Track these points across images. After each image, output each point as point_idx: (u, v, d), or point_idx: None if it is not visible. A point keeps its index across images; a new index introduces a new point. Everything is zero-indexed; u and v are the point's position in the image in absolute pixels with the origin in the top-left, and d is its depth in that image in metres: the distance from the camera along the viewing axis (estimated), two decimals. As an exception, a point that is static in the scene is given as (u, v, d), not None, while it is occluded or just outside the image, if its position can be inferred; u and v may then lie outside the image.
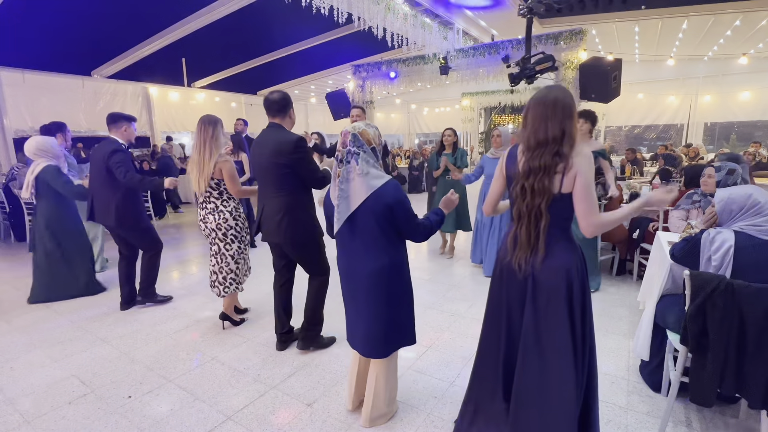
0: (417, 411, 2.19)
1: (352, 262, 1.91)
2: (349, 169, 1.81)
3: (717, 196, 2.00)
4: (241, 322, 3.26)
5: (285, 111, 2.60)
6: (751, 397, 1.67)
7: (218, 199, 2.96)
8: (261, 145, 2.56)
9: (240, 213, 3.05)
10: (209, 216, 2.96)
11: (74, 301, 3.79)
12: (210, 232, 3.00)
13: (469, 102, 14.25)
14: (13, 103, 7.59)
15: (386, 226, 1.83)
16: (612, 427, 2.05)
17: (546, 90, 1.59)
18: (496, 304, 1.78)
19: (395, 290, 1.90)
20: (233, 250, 3.05)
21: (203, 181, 2.86)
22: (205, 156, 2.83)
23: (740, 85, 10.40)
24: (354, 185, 1.80)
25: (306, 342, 2.79)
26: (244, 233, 3.09)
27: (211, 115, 2.90)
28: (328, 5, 4.85)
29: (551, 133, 1.50)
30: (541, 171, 1.51)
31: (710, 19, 7.38)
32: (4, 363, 2.74)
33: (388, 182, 1.82)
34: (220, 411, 2.21)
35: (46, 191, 3.72)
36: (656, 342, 2.27)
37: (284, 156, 2.44)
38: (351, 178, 1.80)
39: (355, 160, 1.80)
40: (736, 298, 1.66)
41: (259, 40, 8.79)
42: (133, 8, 6.65)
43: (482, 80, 7.33)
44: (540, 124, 1.53)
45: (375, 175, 1.81)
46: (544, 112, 1.53)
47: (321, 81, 12.16)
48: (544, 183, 1.51)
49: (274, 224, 2.54)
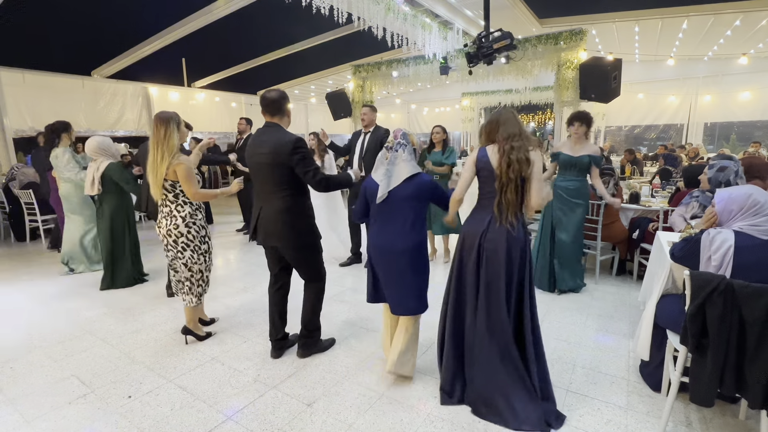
0: (417, 411, 2.19)
1: (389, 240, 2.33)
2: (396, 155, 2.34)
3: (717, 196, 2.00)
4: (207, 336, 3.04)
5: (282, 110, 2.55)
6: (751, 397, 1.67)
7: (173, 203, 2.76)
8: (259, 144, 2.50)
9: (196, 220, 2.82)
10: (162, 220, 2.79)
11: (74, 301, 3.80)
12: (162, 238, 2.81)
13: (469, 102, 14.25)
14: (13, 103, 7.58)
15: (423, 210, 2.37)
16: (612, 427, 2.05)
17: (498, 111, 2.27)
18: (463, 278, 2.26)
19: (423, 262, 2.38)
20: (186, 258, 2.82)
21: (156, 185, 2.68)
22: (158, 158, 2.64)
23: (740, 85, 10.41)
24: (398, 167, 2.32)
25: (306, 349, 2.74)
26: (198, 241, 2.83)
27: (164, 112, 2.71)
28: (328, 5, 4.85)
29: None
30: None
31: (710, 19, 7.39)
32: (4, 363, 2.74)
33: (422, 172, 2.38)
34: (220, 411, 2.21)
35: (110, 186, 4.03)
36: (656, 342, 2.27)
37: (284, 156, 2.41)
38: (397, 162, 2.33)
39: (402, 149, 2.35)
40: (736, 298, 1.66)
41: (259, 40, 8.78)
42: (133, 8, 6.64)
43: (482, 80, 7.33)
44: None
45: (413, 165, 2.35)
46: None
47: (321, 81, 12.15)
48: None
49: (273, 226, 2.50)
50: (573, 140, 3.65)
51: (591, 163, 3.57)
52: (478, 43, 5.20)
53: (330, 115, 8.18)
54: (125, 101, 9.40)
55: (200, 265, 2.89)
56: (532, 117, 16.18)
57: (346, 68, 9.75)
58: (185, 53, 9.37)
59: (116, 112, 9.22)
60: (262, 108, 2.56)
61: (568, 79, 5.82)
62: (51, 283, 4.35)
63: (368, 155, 4.56)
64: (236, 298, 3.84)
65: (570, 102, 5.82)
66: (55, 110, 8.02)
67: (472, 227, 2.21)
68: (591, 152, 3.57)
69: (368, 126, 4.60)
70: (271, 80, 12.10)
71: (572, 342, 2.90)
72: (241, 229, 6.70)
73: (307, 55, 9.56)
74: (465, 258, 2.23)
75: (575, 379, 2.46)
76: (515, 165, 2.06)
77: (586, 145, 3.59)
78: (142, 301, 3.78)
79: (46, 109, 7.95)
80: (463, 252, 2.24)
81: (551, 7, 7.57)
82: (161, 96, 10.21)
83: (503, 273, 2.10)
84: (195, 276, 2.89)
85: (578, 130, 3.57)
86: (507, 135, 2.13)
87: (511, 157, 2.08)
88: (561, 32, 5.87)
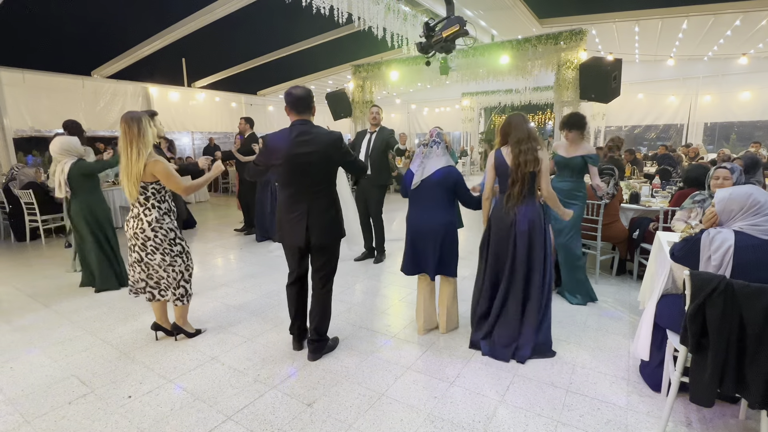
0: (417, 411, 2.19)
1: (426, 217, 2.86)
2: (431, 151, 2.86)
3: (717, 196, 2.00)
4: (197, 333, 3.05)
5: (311, 106, 2.57)
6: (751, 397, 1.67)
7: (142, 206, 2.68)
8: (303, 143, 2.44)
9: (163, 224, 2.72)
10: (131, 221, 2.72)
11: (74, 301, 3.80)
12: (130, 238, 2.74)
13: (469, 102, 14.26)
14: (13, 103, 7.58)
15: (450, 195, 2.87)
16: (612, 427, 2.05)
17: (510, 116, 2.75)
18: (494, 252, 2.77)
19: (454, 237, 2.92)
20: (157, 260, 2.75)
21: (133, 186, 2.61)
22: (133, 156, 2.56)
23: (740, 85, 10.40)
24: (432, 161, 2.84)
25: (318, 352, 2.72)
26: (167, 244, 2.75)
27: (132, 112, 2.63)
28: (328, 5, 4.86)
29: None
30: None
31: (710, 19, 7.39)
32: (4, 363, 2.74)
33: (453, 166, 2.88)
34: (220, 411, 2.21)
35: (79, 186, 3.88)
36: (656, 342, 2.27)
37: (334, 152, 2.50)
38: (431, 156, 2.85)
39: (437, 146, 2.85)
40: (736, 297, 1.66)
41: (259, 40, 8.79)
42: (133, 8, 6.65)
43: (482, 80, 7.33)
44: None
45: (447, 159, 2.87)
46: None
47: (321, 81, 12.15)
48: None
49: (325, 221, 2.54)
50: (568, 142, 3.66)
51: (585, 163, 3.57)
52: (426, 32, 4.90)
53: (330, 115, 8.19)
54: (125, 101, 9.41)
55: (177, 267, 2.83)
56: (532, 117, 16.19)
57: (346, 68, 9.76)
58: (185, 53, 9.38)
59: (116, 112, 9.22)
60: (288, 106, 2.52)
61: (568, 79, 5.82)
62: (51, 283, 4.35)
63: (374, 154, 4.58)
64: (236, 298, 3.84)
65: (570, 102, 5.82)
66: (55, 110, 8.03)
67: (499, 212, 2.69)
68: (585, 152, 3.57)
69: (375, 126, 4.64)
70: (271, 80, 12.11)
71: (572, 342, 2.90)
72: (240, 229, 6.69)
73: (306, 55, 9.57)
74: (499, 242, 2.70)
75: (575, 379, 2.46)
76: (523, 166, 2.52)
77: (581, 145, 3.60)
78: (142, 301, 3.77)
79: (46, 109, 7.96)
80: (493, 237, 2.73)
81: (551, 7, 7.57)
82: (161, 96, 10.22)
83: (534, 250, 2.63)
84: (172, 276, 2.83)
85: (568, 135, 3.58)
86: (516, 140, 2.56)
87: (520, 159, 2.53)
88: (561, 32, 5.87)
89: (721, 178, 2.93)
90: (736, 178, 2.84)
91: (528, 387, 2.38)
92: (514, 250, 2.65)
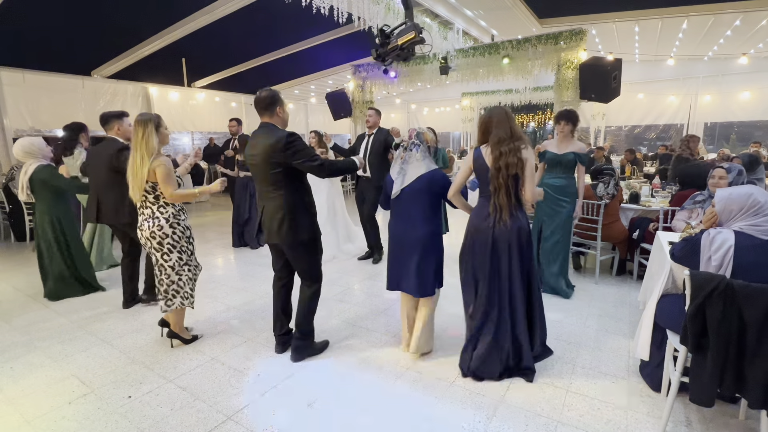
0: (417, 411, 2.18)
1: (407, 229, 2.60)
2: (410, 155, 2.58)
3: (717, 196, 2.01)
4: (193, 339, 2.99)
5: (272, 109, 2.51)
6: (751, 397, 1.67)
7: (154, 205, 2.72)
8: (254, 145, 2.50)
9: (180, 221, 2.77)
10: (144, 223, 2.72)
11: (74, 301, 3.80)
12: (146, 242, 2.75)
13: (469, 102, 14.24)
14: (13, 103, 7.57)
15: (436, 201, 2.59)
16: (612, 427, 2.05)
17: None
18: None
19: (437, 248, 2.63)
20: (173, 261, 2.76)
21: (137, 188, 2.65)
22: (137, 160, 2.62)
23: (740, 85, 10.39)
24: (411, 166, 2.56)
25: (299, 353, 2.71)
26: (184, 242, 2.79)
27: (143, 114, 2.67)
28: (328, 5, 4.85)
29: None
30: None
31: (710, 19, 7.38)
32: (4, 363, 2.74)
33: (437, 170, 2.60)
34: (220, 411, 2.21)
35: (42, 191, 3.71)
36: (656, 342, 2.27)
37: (278, 154, 2.39)
38: (411, 161, 2.57)
39: (416, 149, 2.57)
40: (736, 298, 1.66)
41: (259, 40, 8.77)
42: (133, 8, 6.63)
43: (482, 80, 7.33)
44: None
45: (428, 163, 2.58)
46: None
47: (321, 81, 12.14)
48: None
49: (274, 224, 2.51)
50: (559, 138, 3.67)
51: (576, 160, 3.58)
52: (381, 39, 4.61)
53: (330, 115, 8.19)
54: (125, 101, 9.39)
55: (189, 266, 2.85)
56: (532, 117, 16.15)
57: (346, 68, 9.75)
58: (185, 53, 9.36)
59: (116, 112, 9.20)
60: (255, 108, 2.55)
61: (568, 79, 5.82)
62: (51, 283, 4.34)
63: (372, 156, 4.60)
64: (236, 298, 3.84)
65: (570, 102, 5.82)
66: (55, 110, 8.02)
67: (481, 222, 2.40)
68: (576, 150, 3.57)
69: (372, 128, 4.66)
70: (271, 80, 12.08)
71: (572, 342, 2.90)
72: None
73: (306, 55, 9.55)
74: (478, 249, 2.42)
75: (575, 379, 2.46)
76: (504, 170, 2.25)
77: (572, 143, 3.61)
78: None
79: (46, 109, 7.95)
80: (476, 245, 2.42)
81: (551, 7, 7.56)
82: (161, 96, 10.20)
83: (515, 260, 2.35)
84: (183, 277, 2.83)
85: (564, 128, 3.58)
86: (497, 140, 2.28)
87: (500, 162, 2.26)
88: (561, 32, 5.87)
89: (717, 177, 2.97)
90: (734, 177, 2.85)
91: (528, 387, 2.38)
92: (498, 264, 2.37)
